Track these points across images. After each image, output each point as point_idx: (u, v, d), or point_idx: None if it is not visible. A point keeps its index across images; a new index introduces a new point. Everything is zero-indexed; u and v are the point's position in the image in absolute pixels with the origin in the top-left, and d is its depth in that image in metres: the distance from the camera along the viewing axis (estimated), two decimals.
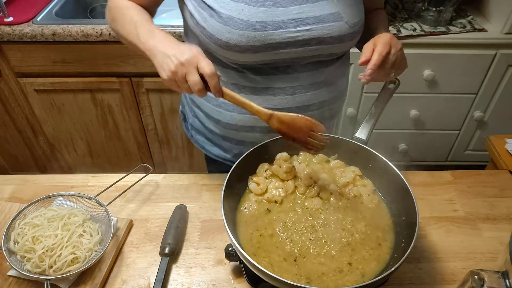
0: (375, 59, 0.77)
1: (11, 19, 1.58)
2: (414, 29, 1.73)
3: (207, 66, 0.70)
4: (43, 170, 2.10)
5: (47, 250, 0.72)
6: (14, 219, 0.77)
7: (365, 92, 1.86)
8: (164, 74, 0.73)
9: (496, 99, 1.90)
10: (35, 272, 0.72)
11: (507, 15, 1.68)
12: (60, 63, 1.65)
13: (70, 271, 0.72)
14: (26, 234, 0.75)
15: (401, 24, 1.77)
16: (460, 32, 1.73)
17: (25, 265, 0.72)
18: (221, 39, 0.81)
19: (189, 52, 0.72)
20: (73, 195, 0.84)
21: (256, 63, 0.87)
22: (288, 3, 0.81)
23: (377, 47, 0.78)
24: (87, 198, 0.84)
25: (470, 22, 1.79)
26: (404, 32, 1.71)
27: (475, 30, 1.74)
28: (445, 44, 1.72)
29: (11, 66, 1.66)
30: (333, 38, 0.84)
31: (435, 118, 1.97)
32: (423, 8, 1.77)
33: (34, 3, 1.71)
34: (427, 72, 1.78)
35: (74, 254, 0.74)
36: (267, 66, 0.87)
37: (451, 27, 1.75)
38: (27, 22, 1.58)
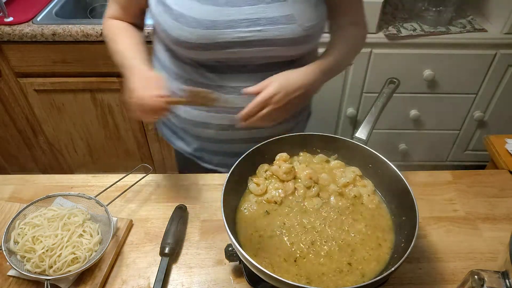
0: (249, 108, 0.81)
1: (11, 19, 1.58)
2: (414, 29, 1.73)
3: (146, 116, 0.79)
4: (43, 170, 2.09)
5: (47, 250, 0.72)
6: (14, 219, 0.77)
7: (365, 92, 1.86)
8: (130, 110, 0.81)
9: (496, 99, 1.90)
10: (35, 272, 0.72)
11: (507, 15, 1.68)
12: (60, 63, 1.64)
13: (70, 271, 0.72)
14: (26, 234, 0.75)
15: (401, 24, 1.77)
16: (460, 32, 1.73)
17: (25, 265, 0.72)
18: (172, 35, 0.83)
19: (141, 102, 0.78)
20: (73, 195, 0.84)
21: (209, 61, 0.87)
22: (241, 2, 0.80)
23: (261, 95, 0.80)
24: (87, 198, 0.84)
25: (470, 22, 1.79)
26: (404, 32, 1.71)
27: (475, 30, 1.74)
28: (445, 44, 1.72)
29: (11, 66, 1.66)
30: (285, 40, 0.83)
31: (435, 118, 1.97)
32: (423, 8, 1.77)
33: (34, 3, 1.71)
34: (427, 72, 1.78)
35: (74, 254, 0.74)
36: (221, 64, 0.88)
37: (451, 27, 1.75)
38: (27, 22, 1.58)
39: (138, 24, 0.97)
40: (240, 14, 0.80)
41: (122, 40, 0.91)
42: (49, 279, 0.71)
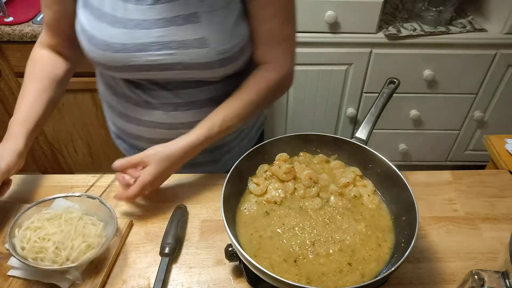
0: (126, 195, 0.83)
1: (11, 19, 1.58)
2: (414, 29, 1.73)
3: None
4: (43, 170, 2.09)
5: (57, 247, 0.72)
6: (12, 227, 0.76)
7: (365, 92, 1.86)
8: None
9: (496, 99, 1.90)
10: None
11: (507, 15, 1.68)
12: None
13: (88, 258, 0.72)
14: (30, 239, 0.74)
15: (401, 24, 1.77)
16: (460, 32, 1.73)
17: (40, 265, 0.72)
18: (88, 55, 0.83)
19: None
20: (76, 196, 0.84)
21: (132, 79, 0.86)
22: (152, 25, 0.77)
23: (137, 186, 0.81)
24: (92, 198, 0.83)
25: (470, 22, 1.79)
26: (404, 32, 1.71)
27: (475, 30, 1.74)
28: (445, 44, 1.72)
29: (11, 66, 1.66)
30: (199, 64, 0.80)
31: (435, 118, 1.97)
32: (423, 8, 1.77)
33: (34, 3, 1.71)
34: (427, 72, 1.78)
35: (86, 241, 0.74)
36: (146, 81, 0.86)
37: (451, 27, 1.75)
38: (27, 22, 1.58)
39: (65, 52, 0.94)
40: (150, 37, 0.78)
41: (26, 84, 0.89)
42: (73, 266, 0.70)
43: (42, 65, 0.91)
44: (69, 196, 0.84)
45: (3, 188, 0.81)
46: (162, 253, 0.78)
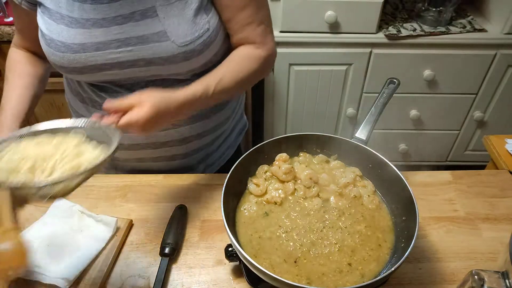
0: (113, 119, 0.68)
1: (11, 19, 1.58)
2: (414, 29, 1.73)
3: None
4: None
5: (32, 167, 0.57)
6: None
7: (365, 92, 1.86)
8: None
9: (496, 99, 1.90)
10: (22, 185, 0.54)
11: (507, 15, 1.68)
12: None
13: (67, 176, 0.56)
14: (2, 158, 0.59)
15: (401, 24, 1.77)
16: (460, 32, 1.73)
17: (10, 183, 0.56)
18: (49, 59, 0.82)
19: None
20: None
21: (96, 82, 0.85)
22: (109, 23, 0.77)
23: (128, 118, 0.67)
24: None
25: (470, 22, 1.79)
26: (404, 32, 1.71)
27: (475, 30, 1.74)
28: (445, 44, 1.72)
29: None
30: (161, 59, 0.78)
31: (435, 118, 1.97)
32: (423, 8, 1.77)
33: None
34: (427, 72, 1.78)
35: (71, 163, 0.59)
36: (110, 84, 0.85)
37: (451, 27, 1.75)
38: None
39: (39, 52, 0.91)
40: (108, 35, 0.77)
41: (10, 82, 0.88)
42: (43, 186, 0.54)
43: (22, 64, 0.92)
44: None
45: None
46: (162, 253, 0.78)
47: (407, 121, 1.97)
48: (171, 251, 0.78)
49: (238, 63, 0.84)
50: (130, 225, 0.86)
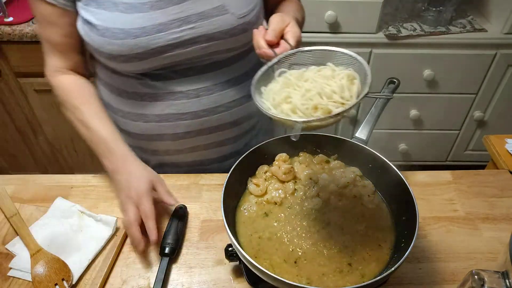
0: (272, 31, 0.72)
1: (11, 19, 1.58)
2: (414, 29, 1.73)
3: (146, 208, 0.76)
4: (43, 170, 2.10)
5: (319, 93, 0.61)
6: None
7: None
8: (121, 200, 0.80)
9: (496, 99, 1.90)
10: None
11: (507, 15, 1.68)
12: None
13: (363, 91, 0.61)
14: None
15: (401, 24, 1.77)
16: (460, 32, 1.73)
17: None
18: (104, 52, 0.81)
19: (135, 190, 0.78)
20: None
21: (151, 69, 0.85)
22: (167, 4, 0.78)
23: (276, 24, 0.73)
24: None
25: (470, 22, 1.79)
26: (404, 32, 1.71)
27: (475, 30, 1.74)
28: (445, 44, 1.72)
29: (11, 66, 1.66)
30: (222, 32, 0.81)
31: (435, 118, 1.97)
32: (423, 8, 1.77)
33: None
34: (427, 72, 1.78)
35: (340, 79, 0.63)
36: (165, 70, 0.85)
37: (451, 27, 1.75)
38: (27, 22, 1.58)
39: (80, 70, 0.93)
40: (167, 15, 0.78)
41: (85, 110, 0.87)
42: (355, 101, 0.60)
43: (80, 90, 0.90)
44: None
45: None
46: (162, 253, 0.78)
47: (407, 121, 1.97)
48: (171, 251, 0.78)
49: (297, 8, 0.91)
50: None
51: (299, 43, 0.74)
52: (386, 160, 0.76)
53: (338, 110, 0.60)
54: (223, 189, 0.71)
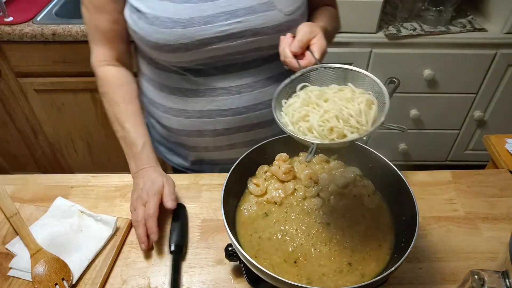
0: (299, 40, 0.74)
1: (11, 19, 1.58)
2: (414, 29, 1.73)
3: (149, 207, 0.79)
4: (43, 170, 2.10)
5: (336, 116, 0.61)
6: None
7: None
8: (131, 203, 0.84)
9: (496, 99, 1.90)
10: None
11: (507, 15, 1.68)
12: (60, 63, 1.65)
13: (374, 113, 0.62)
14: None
15: (401, 24, 1.77)
16: (460, 32, 1.73)
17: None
18: (151, 40, 0.81)
19: (146, 191, 0.81)
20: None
21: (194, 64, 0.85)
22: None
23: (302, 34, 0.75)
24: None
25: (470, 22, 1.79)
26: (404, 32, 1.71)
27: (475, 30, 1.74)
28: (445, 44, 1.72)
29: (11, 66, 1.66)
30: (268, 28, 0.81)
31: (435, 118, 1.97)
32: (423, 8, 1.77)
33: (34, 3, 1.71)
34: (427, 72, 1.78)
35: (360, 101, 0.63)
36: (207, 66, 0.86)
37: (451, 27, 1.75)
38: (27, 22, 1.58)
39: (126, 60, 0.95)
40: (216, 8, 0.79)
41: (123, 109, 0.90)
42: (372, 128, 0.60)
43: (122, 86, 0.92)
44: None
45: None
46: (170, 252, 0.77)
47: (407, 121, 1.97)
48: (176, 249, 0.78)
49: (332, 17, 0.93)
50: (130, 225, 0.86)
51: (324, 56, 0.76)
52: (386, 160, 0.76)
53: (352, 137, 0.61)
54: (223, 189, 0.71)
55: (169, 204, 0.81)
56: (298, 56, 0.74)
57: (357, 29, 1.70)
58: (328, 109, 0.63)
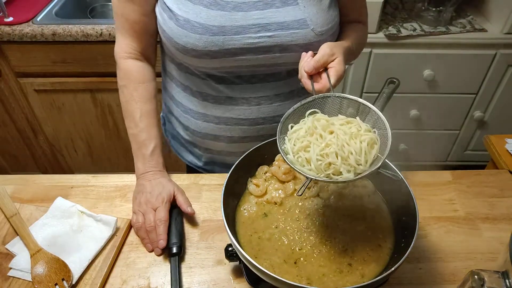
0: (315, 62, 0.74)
1: (11, 19, 1.58)
2: (414, 29, 1.73)
3: (161, 214, 0.80)
4: (43, 170, 2.10)
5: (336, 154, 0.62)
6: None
7: (365, 92, 1.86)
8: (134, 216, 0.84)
9: (496, 99, 1.90)
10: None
11: (507, 15, 1.68)
12: (60, 63, 1.65)
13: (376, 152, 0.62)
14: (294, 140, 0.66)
15: (401, 24, 1.77)
16: (460, 32, 1.73)
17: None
18: (179, 43, 0.80)
19: (156, 198, 0.82)
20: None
21: (217, 71, 0.85)
22: (250, 7, 0.77)
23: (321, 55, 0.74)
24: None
25: (470, 22, 1.79)
26: (404, 32, 1.71)
27: (475, 30, 1.74)
28: (445, 44, 1.72)
29: (11, 66, 1.66)
30: (298, 46, 0.80)
31: (435, 118, 1.97)
32: (423, 8, 1.77)
33: (34, 3, 1.71)
34: (427, 72, 1.78)
35: (363, 139, 0.63)
36: (230, 75, 0.85)
37: (451, 27, 1.75)
38: (27, 22, 1.58)
39: (151, 55, 0.94)
40: (249, 19, 0.78)
41: (140, 107, 0.89)
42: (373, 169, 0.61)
43: (142, 83, 0.91)
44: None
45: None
46: (170, 254, 0.78)
47: (407, 121, 1.97)
48: (178, 250, 0.78)
49: (359, 35, 0.92)
50: (130, 225, 0.86)
51: (340, 81, 0.75)
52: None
53: (346, 177, 0.62)
54: (223, 189, 0.71)
55: (190, 210, 0.83)
56: (314, 77, 0.73)
57: None
58: (330, 143, 0.63)
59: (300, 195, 0.64)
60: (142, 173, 0.87)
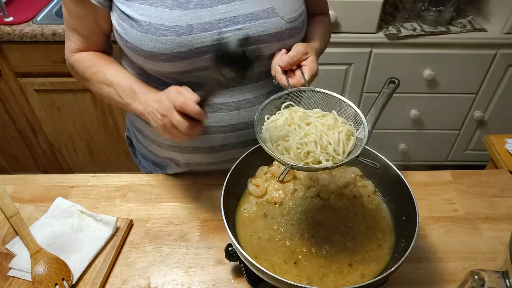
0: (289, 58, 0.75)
1: (11, 19, 1.58)
2: (414, 29, 1.73)
3: (184, 102, 0.67)
4: (43, 170, 2.10)
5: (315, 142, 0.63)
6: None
7: (365, 92, 1.86)
8: (159, 132, 0.73)
9: (496, 99, 1.90)
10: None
11: (507, 15, 1.68)
12: (60, 63, 1.65)
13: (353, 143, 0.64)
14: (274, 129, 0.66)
15: (401, 24, 1.77)
16: (460, 32, 1.73)
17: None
18: (145, 49, 0.76)
19: (166, 100, 0.70)
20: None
21: (191, 75, 0.81)
22: (215, 2, 0.75)
23: (294, 52, 0.76)
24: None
25: (470, 22, 1.79)
26: (404, 32, 1.71)
27: (475, 30, 1.74)
28: (445, 44, 1.72)
29: (11, 66, 1.66)
30: (270, 35, 0.79)
31: (435, 118, 1.97)
32: (423, 8, 1.77)
33: (34, 3, 1.71)
34: (427, 72, 1.78)
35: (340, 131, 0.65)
36: (205, 80, 0.82)
37: (451, 27, 1.75)
38: (27, 22, 1.58)
39: (105, 50, 0.89)
40: (215, 14, 0.75)
41: (102, 71, 0.82)
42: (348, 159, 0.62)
43: (98, 56, 0.86)
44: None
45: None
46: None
47: (407, 121, 1.97)
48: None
49: (326, 30, 0.94)
50: (130, 225, 0.86)
51: (314, 78, 0.76)
52: (386, 160, 0.76)
53: (325, 165, 0.63)
54: (223, 189, 0.71)
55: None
56: (288, 74, 0.75)
57: (357, 29, 1.70)
58: (308, 133, 0.64)
59: (281, 181, 0.64)
60: (143, 107, 0.77)
